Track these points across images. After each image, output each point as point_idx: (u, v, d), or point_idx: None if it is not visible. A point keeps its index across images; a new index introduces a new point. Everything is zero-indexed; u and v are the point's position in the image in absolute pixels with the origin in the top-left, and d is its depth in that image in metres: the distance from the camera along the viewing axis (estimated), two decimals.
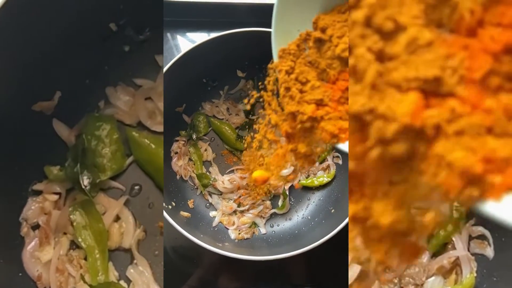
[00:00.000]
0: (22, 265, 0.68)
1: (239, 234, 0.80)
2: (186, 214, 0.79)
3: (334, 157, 0.86)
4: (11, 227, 0.69)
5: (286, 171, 0.83)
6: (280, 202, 0.83)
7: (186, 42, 1.00)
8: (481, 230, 0.71)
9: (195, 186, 0.85)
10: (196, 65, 0.77)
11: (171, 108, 0.84)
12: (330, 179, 0.83)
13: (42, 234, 0.70)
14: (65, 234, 0.73)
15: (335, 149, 0.83)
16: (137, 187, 0.79)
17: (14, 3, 0.56)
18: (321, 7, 0.46)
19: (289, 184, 0.84)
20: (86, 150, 0.75)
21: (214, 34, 0.75)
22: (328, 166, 0.85)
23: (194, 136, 0.86)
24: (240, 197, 0.84)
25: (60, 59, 0.69)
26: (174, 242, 0.79)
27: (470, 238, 0.73)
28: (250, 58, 0.83)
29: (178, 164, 0.85)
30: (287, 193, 0.83)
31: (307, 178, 0.85)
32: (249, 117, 0.89)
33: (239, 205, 0.83)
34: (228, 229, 0.81)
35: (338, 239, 0.64)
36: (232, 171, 0.86)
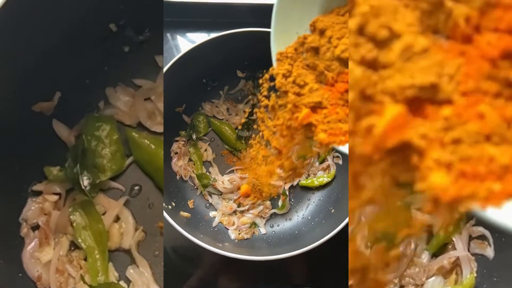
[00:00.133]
0: (22, 265, 0.67)
1: (239, 234, 0.80)
2: (186, 214, 0.79)
3: (334, 157, 0.86)
4: (11, 228, 0.69)
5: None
6: (280, 202, 0.83)
7: (186, 42, 1.00)
8: (481, 230, 0.71)
9: (195, 186, 0.85)
10: (196, 65, 0.77)
11: (171, 108, 0.84)
12: (330, 179, 0.83)
13: (42, 235, 0.70)
14: (65, 234, 0.73)
15: (335, 149, 0.83)
16: (137, 188, 0.79)
17: (14, 3, 0.56)
18: (319, 10, 0.46)
19: (289, 184, 0.84)
20: (86, 151, 0.75)
21: (214, 34, 0.75)
22: (328, 166, 0.85)
23: (194, 136, 0.86)
24: (240, 197, 0.84)
25: (60, 60, 0.69)
26: (174, 243, 0.79)
27: (470, 238, 0.73)
28: (250, 58, 0.83)
29: (178, 164, 0.85)
30: (287, 193, 0.83)
31: (307, 178, 0.85)
32: (249, 117, 0.89)
33: (239, 205, 0.83)
34: (228, 229, 0.81)
35: (338, 239, 0.64)
36: (232, 171, 0.86)
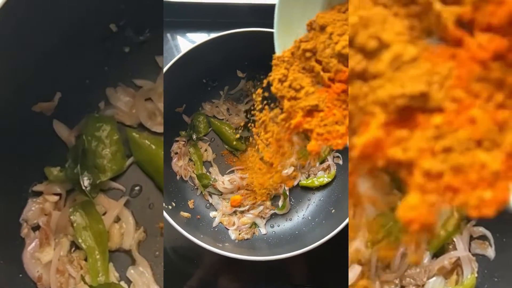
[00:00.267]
0: (23, 266, 0.67)
1: (239, 234, 0.80)
2: (186, 214, 0.79)
3: (334, 157, 0.85)
4: (11, 228, 0.69)
5: (286, 172, 0.83)
6: (280, 203, 0.83)
7: (186, 42, 1.00)
8: (482, 230, 0.71)
9: (195, 187, 0.85)
10: (196, 65, 0.77)
11: (171, 108, 0.83)
12: (330, 179, 0.83)
13: (42, 235, 0.70)
14: (65, 235, 0.73)
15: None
16: (137, 188, 0.79)
17: (14, 3, 0.56)
18: (321, 6, 0.46)
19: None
20: (86, 151, 0.75)
21: (214, 35, 0.75)
22: (328, 166, 0.85)
23: (194, 136, 0.86)
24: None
25: (60, 60, 0.69)
26: (174, 243, 0.79)
27: (471, 238, 0.73)
28: (250, 58, 0.83)
29: (178, 164, 0.85)
30: (287, 193, 0.83)
31: (308, 178, 0.85)
32: (249, 117, 0.89)
33: (239, 205, 0.83)
34: (228, 229, 0.81)
35: (339, 240, 0.64)
36: (232, 172, 0.86)
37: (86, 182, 0.73)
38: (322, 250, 0.63)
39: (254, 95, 0.54)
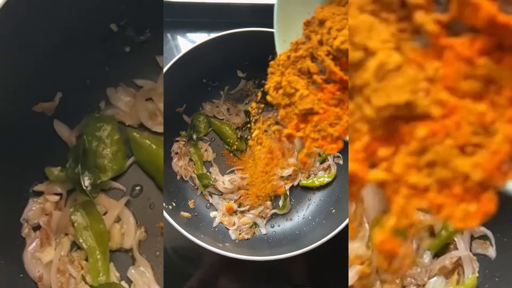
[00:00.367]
0: (23, 266, 0.68)
1: (240, 234, 0.80)
2: (186, 214, 0.79)
3: (334, 157, 0.85)
4: (12, 228, 0.69)
5: (286, 172, 0.83)
6: (280, 203, 0.83)
7: (186, 42, 1.00)
8: (483, 230, 0.71)
9: (196, 187, 0.85)
10: (196, 65, 0.77)
11: (171, 108, 0.84)
12: (331, 179, 0.83)
13: (43, 235, 0.70)
14: (66, 235, 0.73)
15: None
16: (138, 188, 0.79)
17: (14, 3, 0.56)
18: (320, 2, 0.46)
19: (289, 184, 0.84)
20: (87, 151, 0.75)
21: (214, 35, 0.75)
22: (328, 166, 0.85)
23: (195, 136, 0.86)
24: (240, 197, 0.83)
25: (60, 60, 0.69)
26: (175, 243, 0.79)
27: (472, 238, 0.72)
28: (250, 58, 0.83)
29: (179, 164, 0.85)
30: (288, 193, 0.83)
31: (308, 178, 0.85)
32: (249, 117, 0.89)
33: (240, 205, 0.83)
34: (228, 229, 0.81)
35: (339, 240, 0.64)
36: (232, 172, 0.86)
37: (86, 182, 0.73)
38: (322, 250, 0.63)
39: (250, 108, 0.55)
